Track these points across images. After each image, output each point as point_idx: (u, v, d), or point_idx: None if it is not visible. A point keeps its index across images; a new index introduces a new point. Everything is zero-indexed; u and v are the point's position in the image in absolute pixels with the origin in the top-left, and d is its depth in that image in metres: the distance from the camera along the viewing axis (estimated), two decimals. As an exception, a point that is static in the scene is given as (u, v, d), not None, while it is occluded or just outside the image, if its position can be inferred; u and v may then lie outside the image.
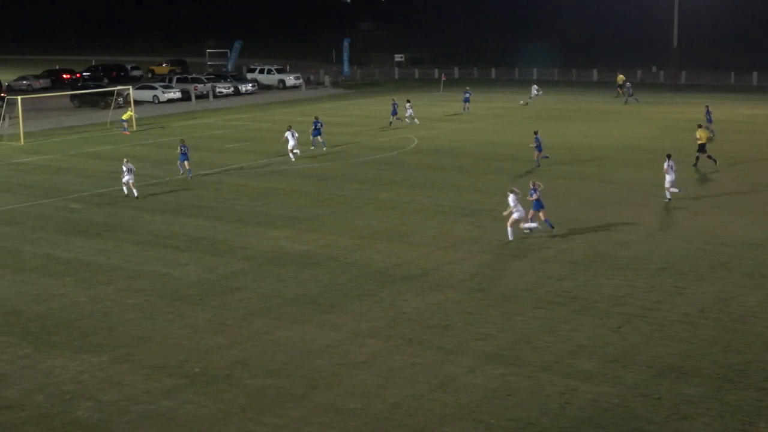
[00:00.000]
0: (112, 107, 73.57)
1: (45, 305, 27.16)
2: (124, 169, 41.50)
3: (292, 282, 28.89)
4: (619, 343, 23.08)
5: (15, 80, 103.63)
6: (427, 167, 48.35)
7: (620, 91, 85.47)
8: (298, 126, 54.87)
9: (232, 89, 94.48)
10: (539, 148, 47.49)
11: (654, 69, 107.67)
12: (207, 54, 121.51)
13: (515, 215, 32.72)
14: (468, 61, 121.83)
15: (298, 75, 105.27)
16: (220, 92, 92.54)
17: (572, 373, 21.33)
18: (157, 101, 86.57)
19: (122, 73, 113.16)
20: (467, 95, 75.56)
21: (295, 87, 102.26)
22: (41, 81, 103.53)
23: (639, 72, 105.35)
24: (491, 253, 31.57)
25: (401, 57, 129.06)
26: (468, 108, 74.26)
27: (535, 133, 48.19)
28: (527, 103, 79.85)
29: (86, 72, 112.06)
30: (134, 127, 64.82)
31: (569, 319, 24.90)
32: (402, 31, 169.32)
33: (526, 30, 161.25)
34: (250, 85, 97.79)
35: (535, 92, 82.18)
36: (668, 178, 38.59)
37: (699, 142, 46.73)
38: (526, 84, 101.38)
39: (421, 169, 48.02)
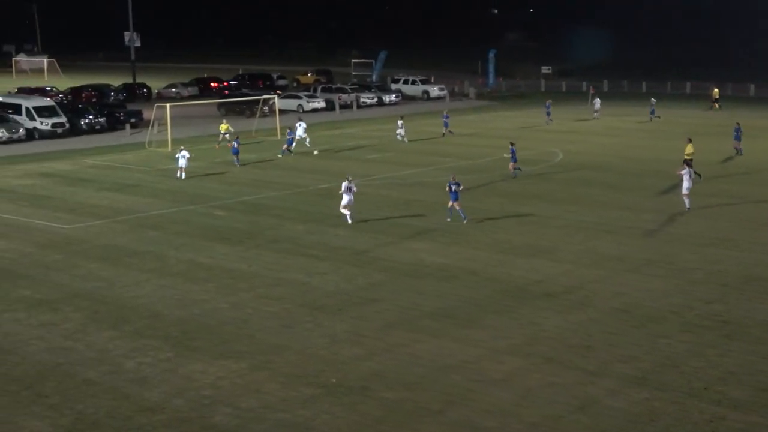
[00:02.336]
0: (257, 116, 74.82)
1: (187, 310, 27.57)
2: (179, 155, 49.87)
3: (431, 295, 28.60)
4: (772, 372, 22.02)
5: (164, 88, 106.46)
6: (572, 182, 47.46)
7: (716, 105, 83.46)
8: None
9: (375, 99, 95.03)
10: (514, 158, 48.18)
11: None
12: (352, 64, 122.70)
13: (344, 201, 37.28)
14: (618, 74, 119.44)
15: (443, 86, 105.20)
16: (363, 102, 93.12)
17: (721, 400, 20.42)
18: (301, 110, 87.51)
19: (268, 82, 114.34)
20: (548, 106, 76.94)
21: (439, 98, 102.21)
22: (189, 89, 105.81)
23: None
24: (637, 273, 30.63)
25: (548, 69, 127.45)
26: (550, 120, 75.07)
27: (511, 144, 48.84)
28: (595, 117, 78.62)
29: (233, 80, 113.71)
30: (278, 136, 65.67)
31: (718, 344, 23.89)
32: (550, 43, 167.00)
33: (680, 43, 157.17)
34: (394, 95, 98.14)
35: (598, 105, 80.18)
36: (685, 184, 39.34)
37: (686, 157, 46.24)
38: (678, 98, 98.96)
39: (565, 183, 47.17)
